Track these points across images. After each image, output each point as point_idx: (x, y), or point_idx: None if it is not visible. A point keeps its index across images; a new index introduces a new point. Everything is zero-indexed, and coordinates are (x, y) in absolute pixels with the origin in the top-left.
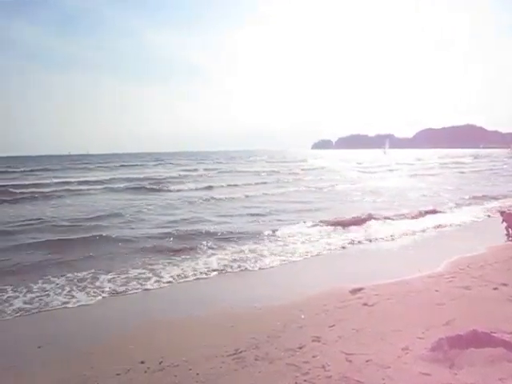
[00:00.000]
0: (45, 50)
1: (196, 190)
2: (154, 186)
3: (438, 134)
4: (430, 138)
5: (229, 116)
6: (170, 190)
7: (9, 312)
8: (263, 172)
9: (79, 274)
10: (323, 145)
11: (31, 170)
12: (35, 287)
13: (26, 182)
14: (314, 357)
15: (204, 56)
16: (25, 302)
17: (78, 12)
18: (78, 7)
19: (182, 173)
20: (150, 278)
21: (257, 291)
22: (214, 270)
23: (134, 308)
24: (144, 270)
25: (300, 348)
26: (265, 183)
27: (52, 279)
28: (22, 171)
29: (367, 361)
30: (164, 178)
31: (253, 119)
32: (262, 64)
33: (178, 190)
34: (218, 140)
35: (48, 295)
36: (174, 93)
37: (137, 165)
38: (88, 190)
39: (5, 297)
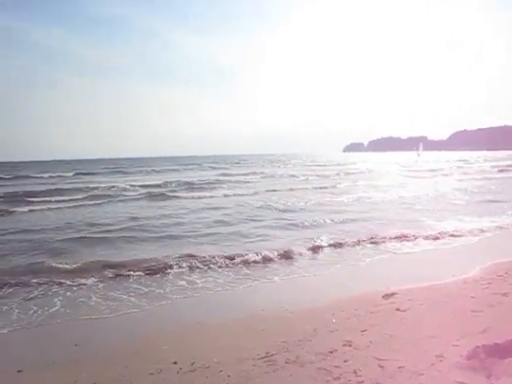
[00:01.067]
0: (75, 56)
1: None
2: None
3: (473, 136)
4: (465, 140)
5: (253, 119)
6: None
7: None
8: (312, 175)
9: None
10: (355, 147)
11: (82, 174)
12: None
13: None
14: (345, 361)
15: (231, 58)
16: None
17: (107, 18)
18: (106, 13)
19: (236, 177)
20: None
21: (287, 294)
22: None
23: (167, 310)
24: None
25: (331, 352)
26: (324, 188)
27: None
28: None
29: (400, 367)
30: (218, 181)
31: (277, 122)
32: (287, 67)
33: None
34: (242, 143)
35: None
36: (199, 95)
37: (176, 169)
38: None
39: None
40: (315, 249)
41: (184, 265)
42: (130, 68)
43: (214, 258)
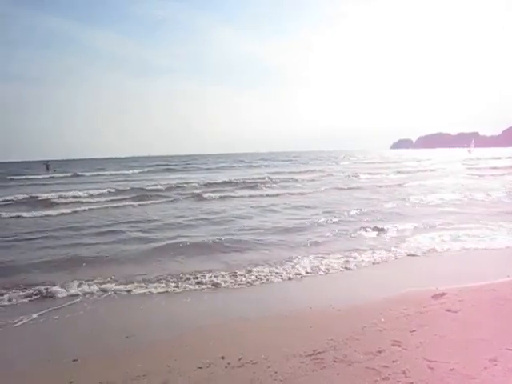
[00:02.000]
0: (124, 58)
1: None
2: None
3: None
4: None
5: (297, 117)
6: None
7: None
8: (386, 173)
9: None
10: (402, 144)
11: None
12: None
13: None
14: (394, 362)
15: (277, 57)
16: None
17: (155, 19)
18: (154, 14)
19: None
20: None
21: (336, 292)
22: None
23: (214, 304)
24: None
25: (379, 352)
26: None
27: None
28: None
29: (451, 370)
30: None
31: (321, 120)
32: (332, 66)
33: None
34: (286, 141)
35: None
36: (242, 93)
37: (233, 166)
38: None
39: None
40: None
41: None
42: (179, 67)
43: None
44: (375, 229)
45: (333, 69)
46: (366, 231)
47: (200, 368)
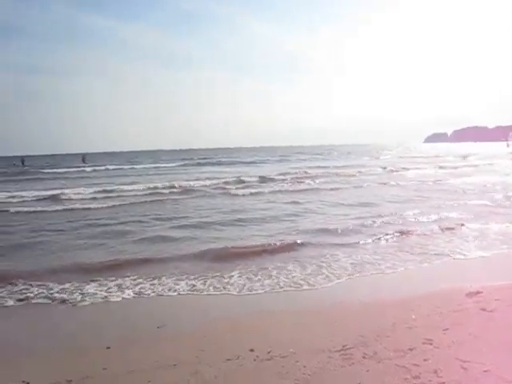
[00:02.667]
0: (163, 51)
1: None
2: None
3: None
4: None
5: (327, 111)
6: None
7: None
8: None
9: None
10: (437, 138)
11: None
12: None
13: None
14: (425, 360)
15: (310, 51)
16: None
17: (191, 13)
18: (190, 9)
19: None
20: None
21: (366, 287)
22: None
23: (243, 297)
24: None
25: (410, 350)
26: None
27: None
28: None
29: (485, 371)
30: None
31: (352, 112)
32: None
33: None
34: (318, 133)
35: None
36: (275, 86)
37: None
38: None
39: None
40: None
41: None
42: (211, 59)
43: None
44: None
45: (364, 61)
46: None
47: (229, 360)
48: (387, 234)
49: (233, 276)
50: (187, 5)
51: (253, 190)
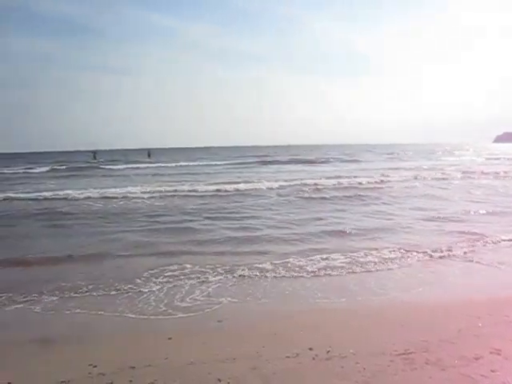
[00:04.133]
0: (228, 50)
1: None
2: None
3: None
4: None
5: (386, 107)
6: None
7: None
8: None
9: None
10: (509, 137)
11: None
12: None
13: None
14: (492, 371)
15: (371, 46)
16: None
17: (249, 11)
18: (248, 7)
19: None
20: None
21: (433, 289)
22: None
23: (304, 293)
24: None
25: (476, 359)
26: None
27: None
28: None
29: None
30: None
31: (410, 110)
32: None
33: None
34: (376, 132)
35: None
36: (334, 82)
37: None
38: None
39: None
40: None
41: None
42: (271, 57)
43: None
44: None
45: (422, 60)
46: None
47: (288, 357)
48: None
49: None
50: (248, 5)
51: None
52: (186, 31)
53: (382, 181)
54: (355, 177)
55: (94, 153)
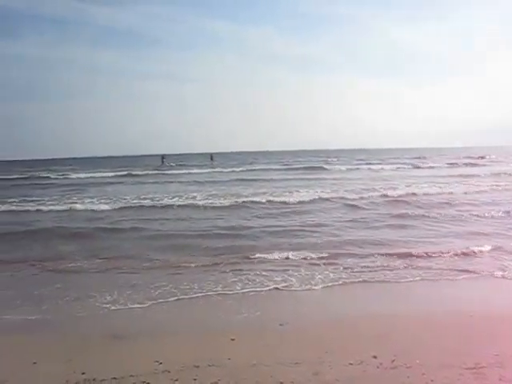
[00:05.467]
0: (283, 51)
1: None
2: None
3: None
4: None
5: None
6: None
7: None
8: None
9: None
10: None
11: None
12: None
13: None
14: None
15: (434, 45)
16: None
17: (312, 14)
18: (311, 10)
19: None
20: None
21: (503, 299)
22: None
23: (367, 299)
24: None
25: None
26: None
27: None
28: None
29: None
30: None
31: (462, 112)
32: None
33: None
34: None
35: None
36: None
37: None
38: None
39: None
40: None
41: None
42: (342, 62)
43: None
44: None
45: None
46: None
47: (351, 364)
48: None
49: None
50: (306, 8)
51: None
52: (247, 35)
53: None
54: None
55: (163, 157)
